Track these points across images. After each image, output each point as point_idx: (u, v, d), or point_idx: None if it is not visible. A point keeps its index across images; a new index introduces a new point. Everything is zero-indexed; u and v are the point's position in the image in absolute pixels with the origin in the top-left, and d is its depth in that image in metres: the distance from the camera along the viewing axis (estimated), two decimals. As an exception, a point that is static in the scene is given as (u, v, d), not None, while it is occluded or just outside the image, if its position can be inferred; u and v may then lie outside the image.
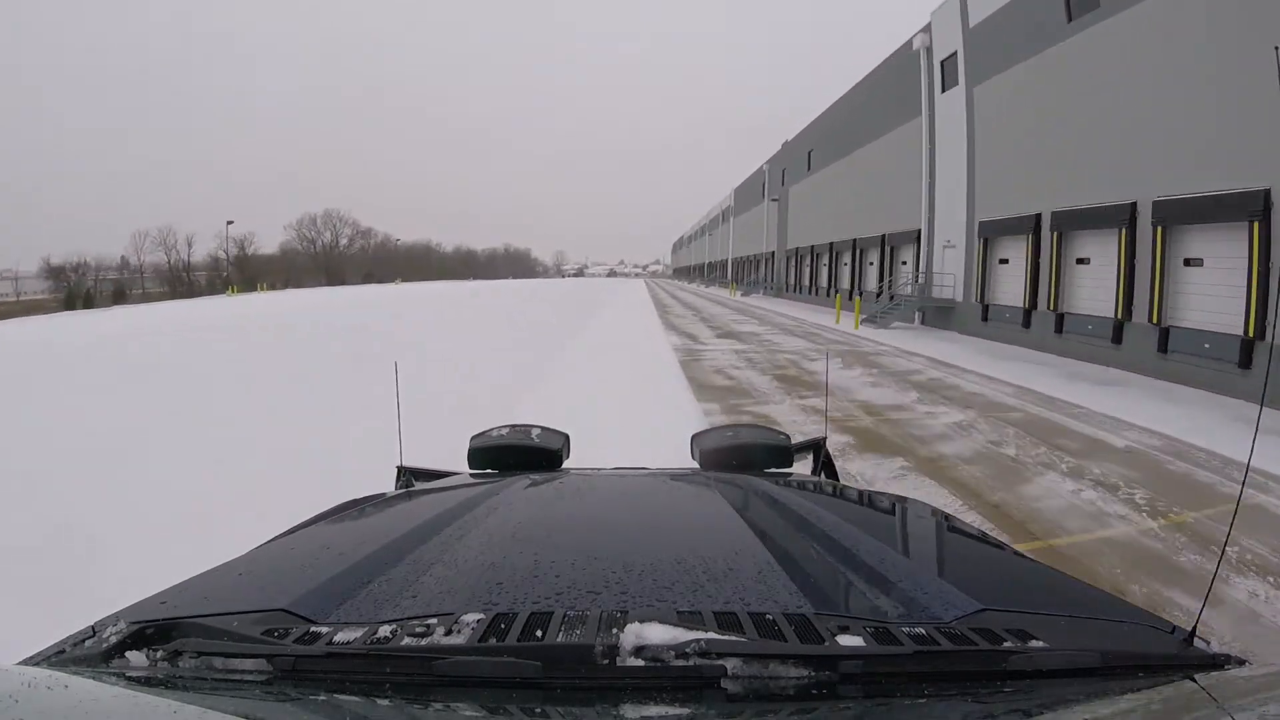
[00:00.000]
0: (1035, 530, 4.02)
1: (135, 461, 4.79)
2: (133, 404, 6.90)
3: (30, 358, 11.90)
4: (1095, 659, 0.60)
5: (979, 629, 0.62)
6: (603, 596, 0.69)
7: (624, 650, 0.56)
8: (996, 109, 14.24)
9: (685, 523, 1.06)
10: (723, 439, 1.57)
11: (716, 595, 0.70)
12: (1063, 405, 7.71)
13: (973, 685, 0.57)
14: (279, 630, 0.63)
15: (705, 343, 14.41)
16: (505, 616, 0.63)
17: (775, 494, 1.14)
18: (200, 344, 13.06)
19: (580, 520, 1.06)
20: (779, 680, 0.55)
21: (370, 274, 73.30)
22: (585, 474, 1.39)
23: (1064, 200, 11.85)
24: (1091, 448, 5.89)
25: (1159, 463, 5.49)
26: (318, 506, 1.18)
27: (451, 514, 0.98)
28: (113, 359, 11.08)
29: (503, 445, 1.51)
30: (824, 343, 14.37)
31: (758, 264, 44.53)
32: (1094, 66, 11.02)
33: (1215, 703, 0.55)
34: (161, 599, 0.73)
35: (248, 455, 4.86)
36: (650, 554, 0.82)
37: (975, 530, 1.09)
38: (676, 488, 1.27)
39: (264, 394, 7.51)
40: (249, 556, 0.91)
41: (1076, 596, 0.80)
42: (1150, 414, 7.13)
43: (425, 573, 0.76)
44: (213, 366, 9.83)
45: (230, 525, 2.30)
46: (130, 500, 3.92)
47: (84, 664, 0.61)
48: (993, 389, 8.77)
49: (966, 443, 6.06)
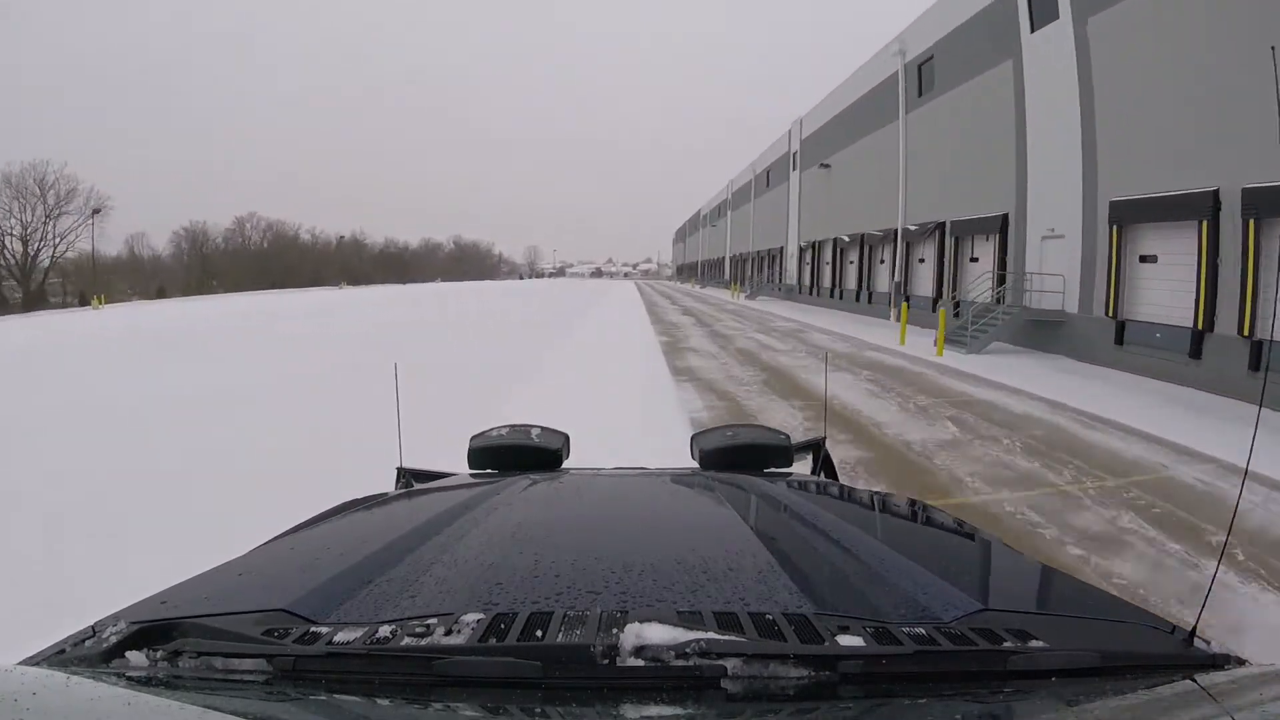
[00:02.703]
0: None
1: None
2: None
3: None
4: (1095, 659, 0.59)
5: (979, 629, 0.62)
6: (603, 596, 0.69)
7: (624, 650, 0.56)
8: (1131, 40, 9.82)
9: (685, 523, 1.06)
10: (723, 439, 1.54)
11: (716, 595, 0.69)
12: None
13: (973, 685, 0.57)
14: (279, 630, 0.63)
15: (731, 392, 8.65)
16: (505, 616, 0.63)
17: (775, 494, 1.14)
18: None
19: (580, 520, 1.05)
20: (779, 680, 0.55)
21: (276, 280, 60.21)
22: (585, 474, 1.38)
23: (1264, 170, 7.60)
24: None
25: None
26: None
27: (451, 514, 0.98)
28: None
29: (503, 445, 1.50)
30: (926, 392, 8.50)
31: (761, 262, 38.47)
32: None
33: (1215, 703, 0.55)
34: (161, 599, 0.73)
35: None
36: (650, 554, 0.82)
37: (975, 530, 1.08)
38: (676, 488, 1.27)
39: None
40: (249, 556, 0.91)
41: (1076, 596, 0.81)
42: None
43: (425, 573, 0.76)
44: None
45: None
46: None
47: (84, 664, 0.61)
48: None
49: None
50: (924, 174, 17.30)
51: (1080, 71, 11.07)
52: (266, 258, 67.99)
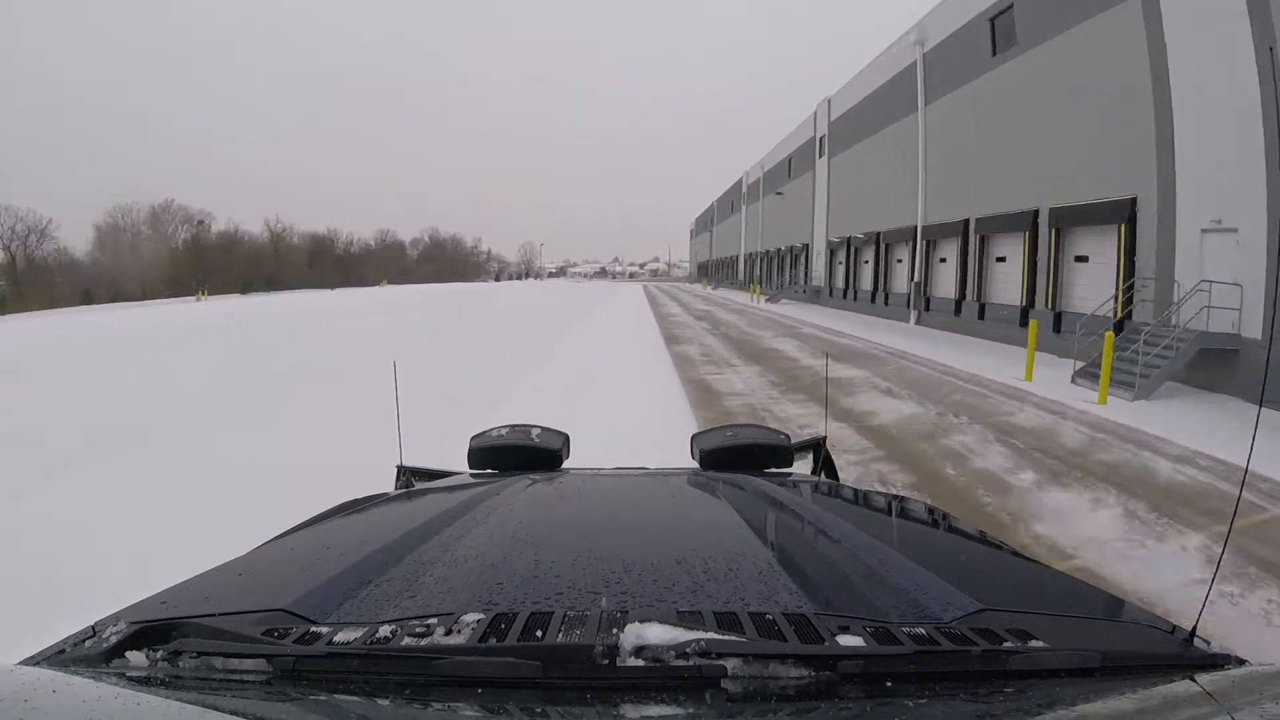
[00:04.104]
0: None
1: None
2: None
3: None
4: (1095, 659, 0.60)
5: (979, 629, 0.62)
6: (603, 596, 0.69)
7: (624, 650, 0.56)
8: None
9: (685, 523, 1.06)
10: (723, 439, 1.54)
11: (716, 595, 0.70)
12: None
13: (973, 685, 0.57)
14: (279, 630, 0.63)
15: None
16: (505, 616, 0.63)
17: (775, 494, 1.13)
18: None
19: (580, 520, 1.06)
20: (779, 680, 0.55)
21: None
22: (585, 474, 1.39)
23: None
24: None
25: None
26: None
27: (451, 514, 0.98)
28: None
29: (503, 445, 1.51)
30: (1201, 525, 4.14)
31: (781, 260, 34.10)
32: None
33: (1215, 702, 0.56)
34: (162, 599, 0.73)
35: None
36: (650, 554, 0.82)
37: (975, 530, 1.08)
38: (676, 488, 1.27)
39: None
40: (249, 556, 0.91)
41: (1076, 596, 0.81)
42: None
43: (425, 573, 0.76)
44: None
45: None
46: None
47: (84, 664, 0.61)
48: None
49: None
50: (1006, 149, 13.51)
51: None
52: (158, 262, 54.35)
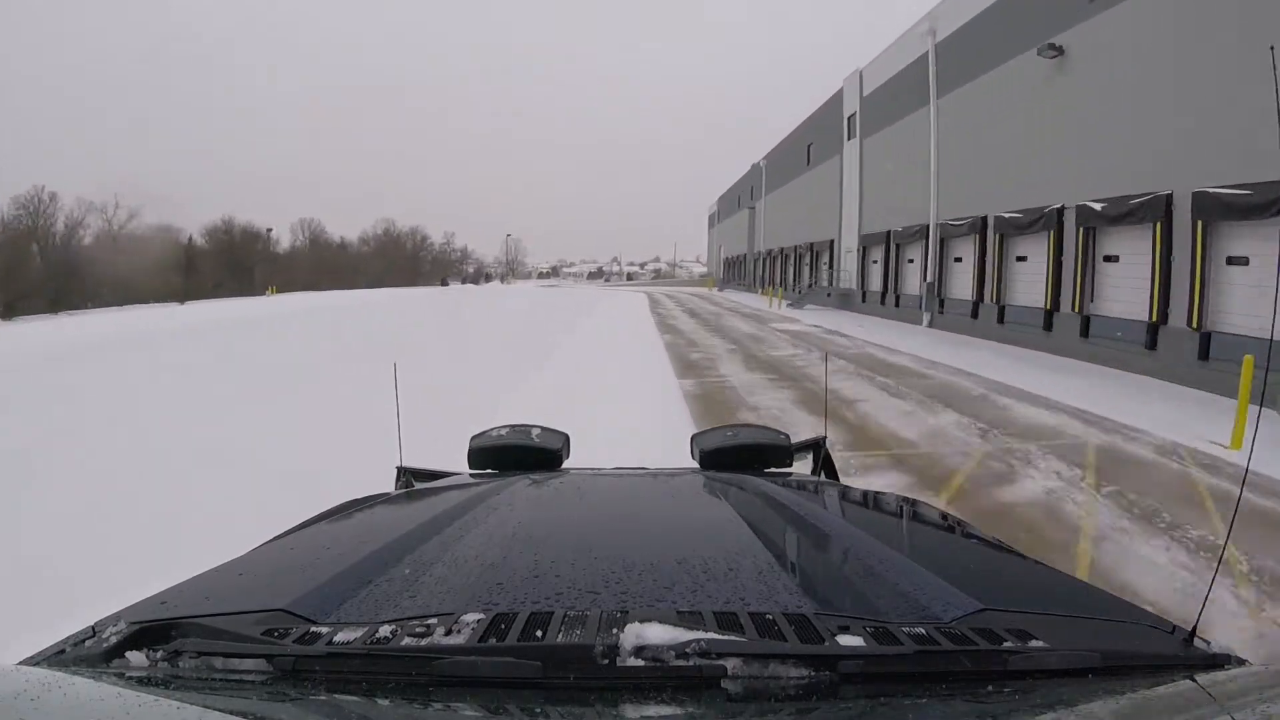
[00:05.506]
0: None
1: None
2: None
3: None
4: (1095, 659, 0.59)
5: (979, 629, 0.62)
6: (603, 596, 0.69)
7: (624, 650, 0.56)
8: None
9: (685, 523, 1.06)
10: (723, 439, 1.54)
11: (716, 595, 0.69)
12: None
13: (973, 685, 0.56)
14: (279, 630, 0.63)
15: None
16: (505, 616, 0.63)
17: (775, 494, 1.13)
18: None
19: (580, 520, 1.06)
20: (779, 680, 0.55)
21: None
22: (585, 474, 1.38)
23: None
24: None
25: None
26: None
27: (451, 514, 0.98)
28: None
29: (503, 445, 1.50)
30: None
31: (800, 260, 28.25)
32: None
33: (1215, 703, 0.55)
34: (161, 599, 0.73)
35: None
36: (650, 554, 0.82)
37: (975, 530, 1.07)
38: (676, 488, 1.27)
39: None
40: (249, 556, 0.91)
41: (1077, 596, 0.80)
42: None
43: (425, 573, 0.76)
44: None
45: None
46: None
47: (84, 664, 0.61)
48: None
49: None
50: (1120, 114, 9.64)
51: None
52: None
